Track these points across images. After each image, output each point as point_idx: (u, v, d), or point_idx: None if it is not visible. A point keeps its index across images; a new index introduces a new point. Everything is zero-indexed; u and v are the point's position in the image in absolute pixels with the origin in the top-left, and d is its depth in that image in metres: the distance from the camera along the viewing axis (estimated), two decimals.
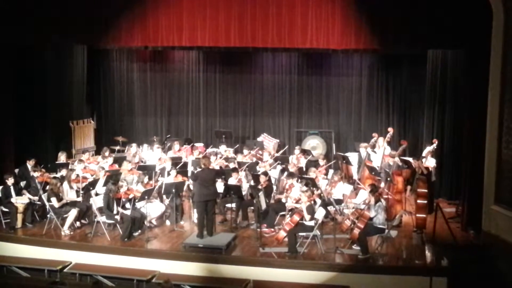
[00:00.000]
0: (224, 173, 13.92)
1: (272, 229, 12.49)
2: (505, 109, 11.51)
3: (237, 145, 17.77)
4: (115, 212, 12.18)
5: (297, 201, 11.93)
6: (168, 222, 13.21)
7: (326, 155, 17.23)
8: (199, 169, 12.24)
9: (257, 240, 11.79)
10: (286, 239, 11.33)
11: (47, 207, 12.59)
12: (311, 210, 11.31)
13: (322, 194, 12.46)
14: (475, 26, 12.22)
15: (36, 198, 13.09)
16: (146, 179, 13.47)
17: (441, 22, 12.62)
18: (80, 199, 13.07)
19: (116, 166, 14.80)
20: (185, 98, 19.60)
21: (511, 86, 11.34)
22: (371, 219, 11.11)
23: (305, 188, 11.79)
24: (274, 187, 13.80)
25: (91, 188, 13.17)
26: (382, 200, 11.57)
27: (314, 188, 12.26)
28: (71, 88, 17.83)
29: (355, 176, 15.15)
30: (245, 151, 16.30)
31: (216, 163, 15.00)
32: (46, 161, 14.71)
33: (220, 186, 13.07)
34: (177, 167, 14.17)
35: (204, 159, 12.16)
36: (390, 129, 15.38)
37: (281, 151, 16.74)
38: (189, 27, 13.99)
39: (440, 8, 12.54)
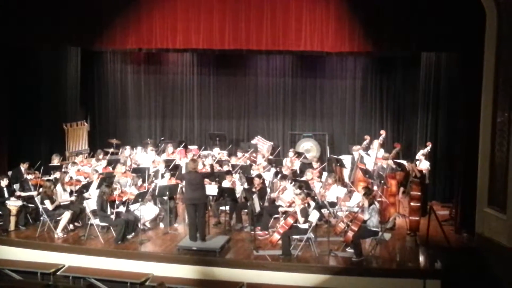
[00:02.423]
0: (213, 174, 13.87)
1: (266, 232, 12.48)
2: (498, 112, 11.55)
3: (230, 146, 17.78)
4: (108, 213, 12.13)
5: (291, 204, 11.91)
6: (161, 225, 13.19)
7: (320, 157, 17.23)
8: (186, 172, 12.24)
9: (251, 243, 11.78)
10: (280, 241, 11.32)
11: (40, 209, 12.55)
12: (305, 213, 11.30)
13: (316, 197, 12.46)
14: (469, 29, 12.26)
15: (32, 193, 13.01)
16: (139, 182, 13.45)
17: (435, 24, 12.64)
18: (73, 197, 13.03)
19: (109, 169, 14.76)
20: (179, 100, 19.61)
21: (504, 88, 11.37)
22: (364, 221, 11.11)
23: (298, 191, 11.79)
24: (268, 190, 13.80)
25: (85, 191, 13.14)
26: (376, 202, 11.58)
27: (307, 191, 12.26)
28: (65, 90, 17.84)
29: (347, 179, 15.17)
30: (239, 154, 16.31)
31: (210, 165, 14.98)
32: (40, 164, 14.65)
33: (214, 189, 13.05)
34: (170, 170, 14.13)
35: (191, 162, 12.14)
36: (383, 132, 15.43)
37: (275, 153, 16.72)
38: (183, 30, 13.96)
39: (434, 11, 12.57)
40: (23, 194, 13.12)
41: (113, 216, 12.07)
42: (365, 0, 13.13)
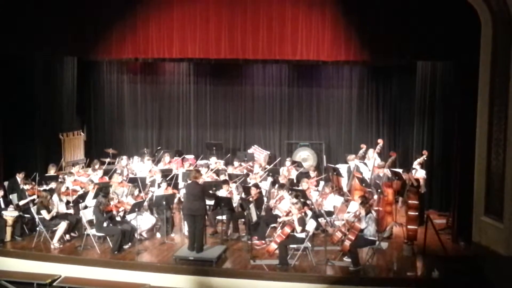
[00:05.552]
0: (214, 187, 13.85)
1: (263, 241, 12.47)
2: (494, 120, 11.57)
3: (228, 155, 17.76)
4: (105, 225, 12.10)
5: (287, 214, 11.89)
6: (158, 235, 13.15)
7: (317, 166, 17.23)
8: (187, 182, 12.22)
9: (248, 253, 11.76)
10: (277, 251, 11.30)
11: (37, 220, 12.51)
12: (302, 222, 11.29)
13: (312, 206, 12.45)
14: (464, 38, 12.31)
15: (32, 198, 12.96)
16: (136, 192, 13.43)
17: (430, 33, 12.67)
18: (71, 210, 13.01)
19: (106, 179, 14.74)
20: (175, 110, 19.65)
21: (499, 97, 11.40)
22: (361, 230, 11.11)
23: (295, 200, 11.77)
24: (265, 199, 13.79)
25: (81, 201, 13.10)
26: (373, 211, 11.57)
27: (304, 200, 12.24)
28: (61, 100, 17.85)
29: (345, 188, 15.17)
30: (236, 163, 16.30)
31: (207, 176, 14.96)
32: (36, 174, 14.61)
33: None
34: (167, 179, 14.12)
35: (193, 172, 12.10)
36: (380, 141, 15.48)
37: (273, 164, 16.70)
38: (180, 39, 13.98)
39: (429, 20, 12.61)
40: (22, 202, 13.07)
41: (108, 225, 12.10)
42: (361, 10, 13.16)
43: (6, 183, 14.06)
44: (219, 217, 13.22)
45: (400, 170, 14.11)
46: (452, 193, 13.36)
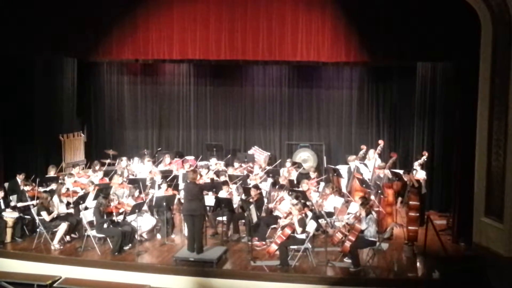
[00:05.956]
0: (214, 186, 13.88)
1: (264, 242, 12.46)
2: (494, 121, 11.57)
3: (228, 156, 17.75)
4: (105, 226, 12.10)
5: (288, 215, 11.88)
6: (159, 236, 13.15)
7: (317, 167, 17.22)
8: (185, 182, 12.23)
9: (248, 254, 11.75)
10: (277, 252, 11.30)
11: (37, 221, 12.51)
12: (302, 223, 11.29)
13: (313, 207, 12.44)
14: (464, 38, 12.30)
15: (32, 203, 12.96)
16: (136, 193, 13.42)
17: (430, 34, 12.66)
18: (71, 211, 13.01)
19: (106, 180, 14.73)
20: (175, 111, 19.63)
21: (499, 98, 11.41)
22: (362, 231, 11.10)
23: (295, 201, 11.77)
24: (265, 200, 13.78)
25: (81, 202, 13.10)
26: (373, 212, 11.57)
27: (304, 201, 12.24)
28: (61, 101, 17.84)
29: (344, 189, 15.17)
30: (236, 164, 16.29)
31: (207, 176, 14.97)
32: (36, 175, 14.61)
33: (210, 199, 13.04)
34: (167, 180, 14.12)
35: (190, 173, 12.11)
36: (381, 142, 15.46)
37: (273, 165, 16.69)
38: (180, 40, 13.96)
39: (429, 20, 12.60)
40: (21, 204, 13.07)
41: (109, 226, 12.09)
42: (361, 11, 13.14)
43: (6, 184, 14.05)
44: (219, 218, 13.23)
45: (401, 171, 14.12)
46: (453, 194, 13.37)
